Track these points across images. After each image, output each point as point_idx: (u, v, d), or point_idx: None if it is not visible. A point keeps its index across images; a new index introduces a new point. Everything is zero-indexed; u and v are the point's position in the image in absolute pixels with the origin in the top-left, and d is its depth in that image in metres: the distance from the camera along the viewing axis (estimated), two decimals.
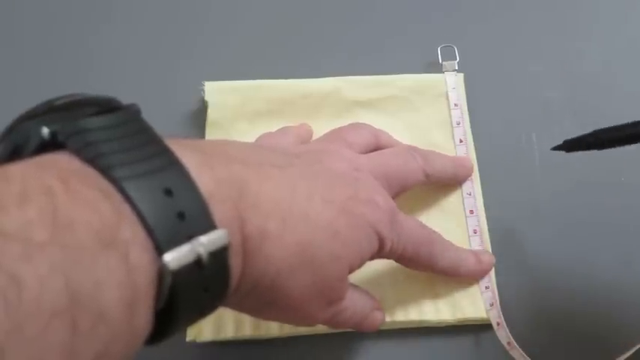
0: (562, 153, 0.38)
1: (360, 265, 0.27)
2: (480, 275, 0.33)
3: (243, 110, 0.38)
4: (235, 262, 0.22)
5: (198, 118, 0.39)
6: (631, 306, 0.34)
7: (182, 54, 0.42)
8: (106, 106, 0.20)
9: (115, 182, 0.18)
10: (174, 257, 0.18)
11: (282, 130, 0.36)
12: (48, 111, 0.20)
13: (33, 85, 0.40)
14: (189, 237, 0.19)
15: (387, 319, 0.32)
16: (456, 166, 0.36)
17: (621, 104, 0.40)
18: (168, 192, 0.19)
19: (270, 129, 0.37)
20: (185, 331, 0.32)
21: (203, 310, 0.21)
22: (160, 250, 0.18)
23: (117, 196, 0.18)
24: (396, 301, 0.33)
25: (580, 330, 0.33)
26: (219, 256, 0.20)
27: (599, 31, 0.43)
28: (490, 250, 0.34)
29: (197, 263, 0.19)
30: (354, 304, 0.28)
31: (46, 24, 0.44)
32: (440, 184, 0.36)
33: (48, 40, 0.43)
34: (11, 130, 0.20)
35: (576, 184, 0.37)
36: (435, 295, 0.33)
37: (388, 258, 0.29)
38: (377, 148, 0.33)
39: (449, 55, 0.40)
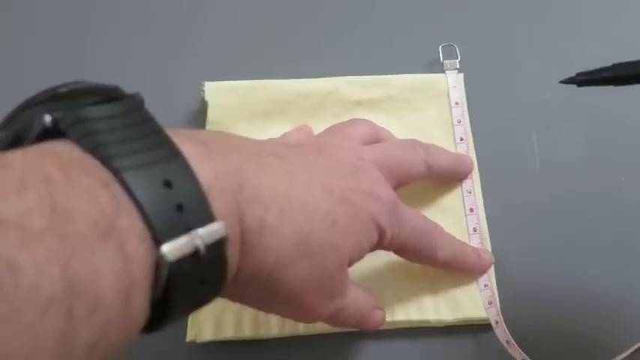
0: (561, 152, 0.38)
1: (360, 256, 0.27)
2: (478, 271, 0.33)
3: (243, 110, 0.38)
4: (232, 254, 0.22)
5: (198, 118, 0.39)
6: (630, 305, 0.34)
7: (182, 54, 0.42)
8: (110, 95, 0.20)
9: (115, 173, 0.18)
10: (172, 249, 0.18)
11: (283, 137, 0.36)
12: (51, 98, 0.20)
13: (34, 84, 0.40)
14: (187, 229, 0.19)
15: (388, 318, 0.32)
16: (458, 162, 0.36)
17: (620, 104, 0.40)
18: (168, 183, 0.19)
19: (270, 129, 0.37)
20: (185, 330, 0.32)
21: (199, 301, 0.21)
22: (157, 241, 0.18)
23: (116, 187, 0.18)
24: (396, 301, 0.33)
25: (579, 329, 0.33)
26: (217, 248, 0.20)
27: (599, 31, 0.43)
28: (490, 249, 0.34)
29: (194, 255, 0.19)
30: (356, 301, 0.28)
31: (47, 24, 0.44)
32: (441, 179, 0.36)
33: (48, 40, 0.43)
34: (14, 116, 0.20)
35: (576, 183, 0.37)
36: (435, 295, 0.33)
37: (389, 249, 0.29)
38: (376, 142, 0.33)
39: (450, 55, 0.40)
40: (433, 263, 0.32)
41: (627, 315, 0.33)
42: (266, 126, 0.38)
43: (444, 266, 0.32)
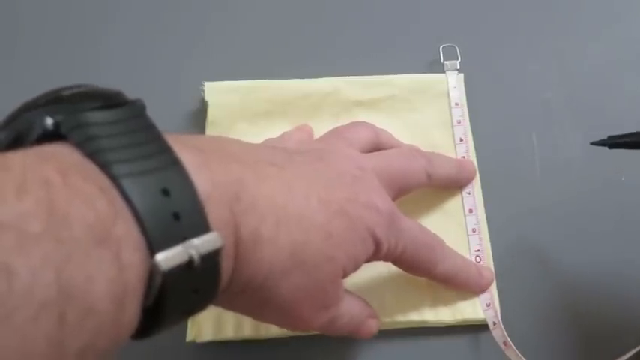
0: (561, 153, 0.38)
1: (355, 268, 0.27)
2: (478, 288, 0.33)
3: (243, 110, 0.38)
4: (226, 264, 0.21)
5: (198, 118, 0.39)
6: (630, 306, 0.34)
7: (182, 54, 0.42)
8: (112, 100, 0.20)
9: (114, 179, 0.18)
10: (166, 257, 0.18)
11: (283, 137, 0.36)
12: (53, 101, 0.20)
13: (36, 83, 0.40)
14: (182, 238, 0.19)
15: (387, 318, 0.32)
16: (460, 170, 0.36)
17: (621, 104, 0.40)
18: (166, 192, 0.19)
19: (270, 129, 0.37)
20: (185, 330, 0.32)
21: (191, 309, 0.21)
22: (152, 249, 0.18)
23: (114, 193, 0.18)
24: (395, 303, 0.33)
25: (577, 331, 0.33)
26: (211, 258, 0.20)
27: (599, 31, 0.43)
28: (489, 250, 0.34)
29: (188, 265, 0.19)
30: (349, 311, 0.28)
31: (48, 24, 0.44)
32: (442, 187, 0.36)
33: (49, 39, 0.43)
34: (15, 117, 0.20)
35: (576, 183, 0.37)
36: (435, 297, 0.33)
37: (386, 260, 0.29)
38: (378, 147, 0.33)
39: (450, 55, 0.40)
40: (432, 277, 0.31)
41: (627, 318, 0.33)
42: (266, 126, 0.38)
43: (443, 281, 0.32)
